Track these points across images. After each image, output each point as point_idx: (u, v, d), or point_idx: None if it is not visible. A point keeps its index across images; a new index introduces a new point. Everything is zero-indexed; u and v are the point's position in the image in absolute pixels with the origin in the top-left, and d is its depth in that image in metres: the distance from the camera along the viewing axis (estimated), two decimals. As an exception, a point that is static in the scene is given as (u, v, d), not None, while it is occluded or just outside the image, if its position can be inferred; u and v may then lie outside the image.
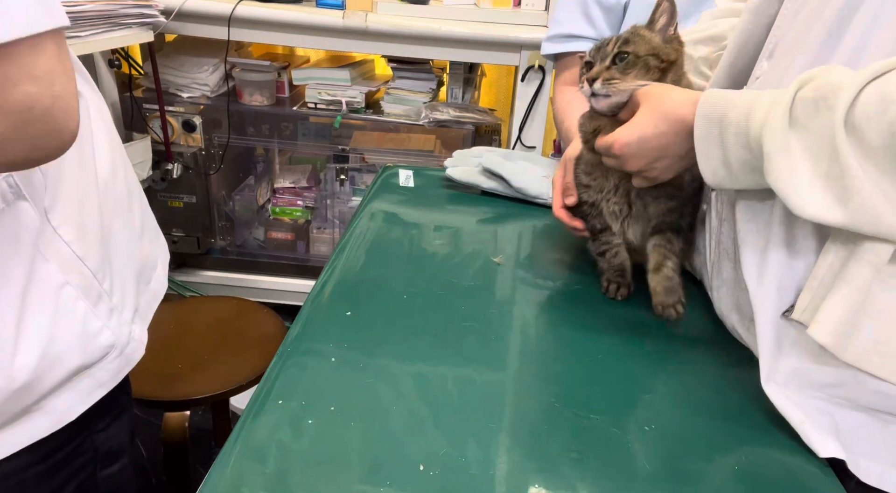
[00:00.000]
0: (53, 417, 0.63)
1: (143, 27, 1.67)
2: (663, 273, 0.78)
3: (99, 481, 0.72)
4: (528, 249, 0.98)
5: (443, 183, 1.17)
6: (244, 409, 0.61)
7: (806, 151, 0.55)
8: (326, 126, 2.19)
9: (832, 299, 0.56)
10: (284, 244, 2.32)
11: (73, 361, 0.63)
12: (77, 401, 0.65)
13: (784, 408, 0.62)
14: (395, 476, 0.53)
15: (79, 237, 0.63)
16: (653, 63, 0.74)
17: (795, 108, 0.56)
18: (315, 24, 1.80)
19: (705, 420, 0.64)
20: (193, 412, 1.46)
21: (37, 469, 0.65)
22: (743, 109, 0.60)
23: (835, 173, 0.53)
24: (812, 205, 0.54)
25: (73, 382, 0.64)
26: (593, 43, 1.20)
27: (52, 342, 0.60)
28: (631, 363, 0.71)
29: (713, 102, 0.63)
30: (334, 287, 0.81)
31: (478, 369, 0.68)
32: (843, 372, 0.59)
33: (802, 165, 0.55)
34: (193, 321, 1.48)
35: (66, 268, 0.62)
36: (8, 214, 0.56)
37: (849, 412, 0.61)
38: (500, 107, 2.28)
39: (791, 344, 0.62)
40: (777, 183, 0.56)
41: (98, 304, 0.65)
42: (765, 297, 0.64)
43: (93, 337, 0.64)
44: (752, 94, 0.61)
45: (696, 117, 0.64)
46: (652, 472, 0.56)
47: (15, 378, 0.58)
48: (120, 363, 0.69)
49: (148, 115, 1.96)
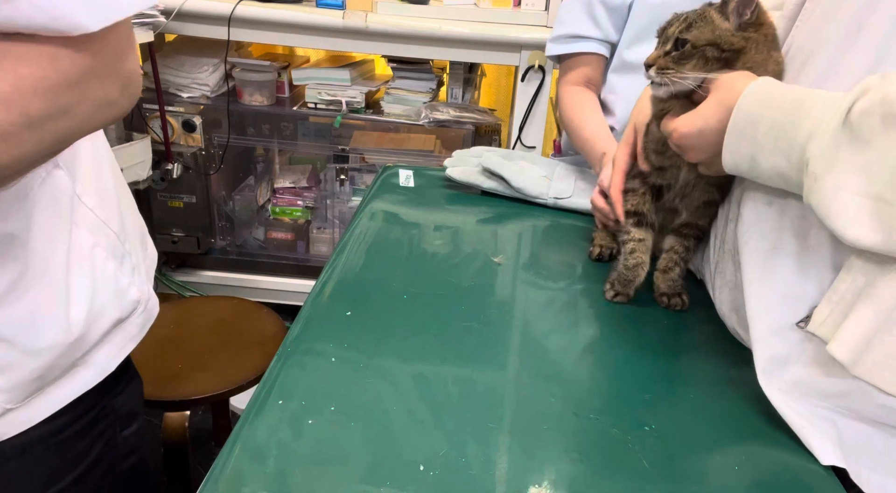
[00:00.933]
0: (97, 369, 0.69)
1: (143, 27, 1.67)
2: (669, 275, 0.83)
3: (120, 440, 0.77)
4: (528, 249, 0.98)
5: (443, 183, 1.17)
6: (244, 409, 0.61)
7: (861, 168, 0.52)
8: (326, 126, 2.18)
9: (856, 317, 0.55)
10: (284, 244, 2.32)
11: (112, 314, 0.68)
12: (114, 354, 0.71)
13: (786, 414, 0.61)
14: (394, 476, 0.53)
15: (100, 203, 0.68)
16: (711, 54, 0.67)
17: (858, 123, 0.52)
18: (315, 24, 1.80)
19: (705, 420, 0.64)
20: (193, 412, 1.45)
21: (72, 430, 0.69)
22: (789, 111, 0.56)
23: (889, 197, 0.50)
24: (855, 226, 0.52)
25: (110, 335, 0.70)
26: (598, 42, 1.21)
27: (94, 298, 0.66)
28: (631, 363, 0.71)
29: (758, 94, 0.60)
30: (334, 287, 0.81)
31: (478, 369, 0.68)
32: (850, 384, 0.58)
33: (853, 183, 0.52)
34: (193, 321, 1.48)
35: (94, 231, 0.67)
36: (49, 182, 0.61)
37: (853, 422, 0.60)
38: (500, 107, 2.28)
39: (797, 354, 0.62)
40: (820, 202, 0.54)
41: (123, 263, 0.71)
42: (768, 303, 0.63)
43: (124, 292, 0.70)
44: (802, 92, 0.57)
45: (735, 109, 0.60)
46: (652, 472, 0.56)
47: (71, 332, 0.63)
48: (144, 318, 0.75)
49: (148, 115, 1.96)
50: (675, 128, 0.68)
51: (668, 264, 0.83)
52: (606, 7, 1.19)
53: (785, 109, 0.57)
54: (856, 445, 0.60)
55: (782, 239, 0.62)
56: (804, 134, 0.55)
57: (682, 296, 0.82)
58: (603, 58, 1.23)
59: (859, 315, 0.55)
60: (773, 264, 0.63)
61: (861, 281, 0.55)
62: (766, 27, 0.68)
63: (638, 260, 0.81)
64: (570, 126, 1.23)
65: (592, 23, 1.20)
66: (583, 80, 1.25)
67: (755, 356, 0.64)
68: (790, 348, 0.62)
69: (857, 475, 0.59)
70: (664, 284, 0.83)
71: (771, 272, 0.63)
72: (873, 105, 0.51)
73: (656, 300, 0.83)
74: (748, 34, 0.67)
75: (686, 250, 0.82)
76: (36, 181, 0.59)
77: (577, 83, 1.25)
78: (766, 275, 0.64)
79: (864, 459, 0.60)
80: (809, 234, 0.60)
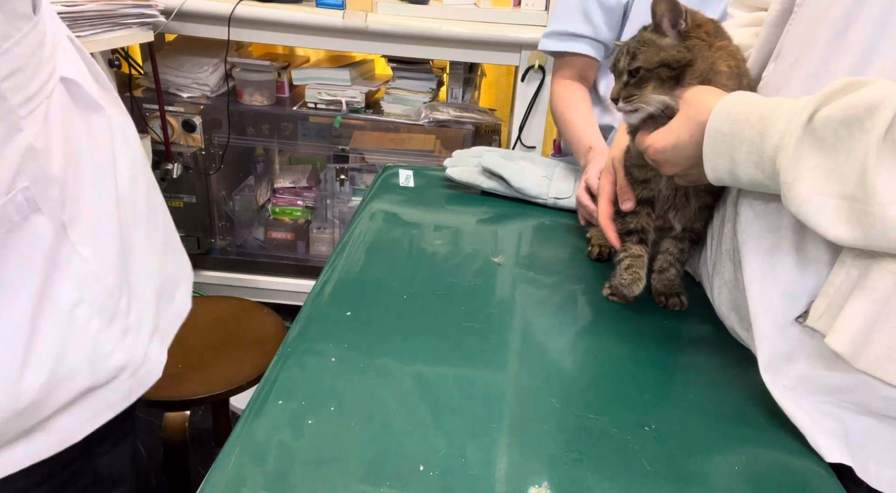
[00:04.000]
0: (59, 436, 0.62)
1: (143, 27, 1.67)
2: (666, 276, 0.83)
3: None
4: (528, 249, 0.98)
5: (443, 183, 1.17)
6: (244, 409, 0.61)
7: (831, 172, 0.54)
8: (326, 126, 2.18)
9: (851, 308, 0.56)
10: (284, 244, 2.32)
11: (82, 381, 0.61)
12: (83, 422, 0.63)
13: (791, 412, 0.61)
14: (395, 476, 0.53)
15: (97, 254, 0.62)
16: (665, 75, 0.69)
17: (823, 129, 0.54)
18: (315, 24, 1.80)
19: (705, 420, 0.64)
20: (193, 412, 1.46)
21: (37, 492, 0.64)
22: (756, 126, 0.59)
23: (860, 197, 0.52)
24: (835, 226, 0.54)
25: (80, 402, 0.62)
26: (589, 42, 1.21)
27: (61, 362, 0.59)
28: (631, 363, 0.71)
29: (726, 113, 0.62)
30: (334, 287, 0.81)
31: (478, 369, 0.68)
32: (854, 378, 0.58)
33: (826, 186, 0.54)
34: (193, 321, 1.46)
35: (82, 285, 0.60)
36: (23, 228, 0.55)
37: (858, 417, 0.60)
38: (500, 107, 2.28)
39: (800, 350, 0.62)
40: (798, 208, 0.56)
41: (112, 323, 0.64)
42: (770, 301, 0.63)
43: (104, 358, 0.63)
44: (765, 107, 0.60)
45: (707, 129, 0.63)
46: (652, 472, 0.56)
47: (21, 398, 0.56)
48: (131, 385, 0.67)
49: (148, 115, 1.96)
50: (650, 144, 0.71)
51: (664, 264, 0.83)
52: (601, 6, 1.19)
53: (752, 125, 0.59)
54: (863, 439, 0.60)
55: (781, 236, 0.63)
56: (772, 147, 0.57)
57: (681, 296, 0.83)
58: (594, 60, 1.25)
59: (855, 306, 0.56)
60: (773, 261, 0.64)
61: (854, 274, 0.56)
62: (704, 25, 0.70)
63: (634, 276, 0.80)
64: (559, 119, 1.25)
65: (585, 20, 1.21)
66: (576, 75, 1.27)
67: (759, 355, 0.64)
68: (793, 345, 0.62)
69: (865, 471, 0.59)
70: (661, 284, 0.83)
71: (772, 270, 0.64)
72: (836, 111, 0.53)
73: (654, 300, 0.83)
74: (691, 43, 0.69)
75: (681, 251, 0.82)
76: (1, 227, 0.53)
77: (570, 78, 1.27)
78: (768, 273, 0.64)
79: (871, 453, 0.60)
80: (807, 230, 0.61)
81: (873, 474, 0.59)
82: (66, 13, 1.41)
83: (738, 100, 0.63)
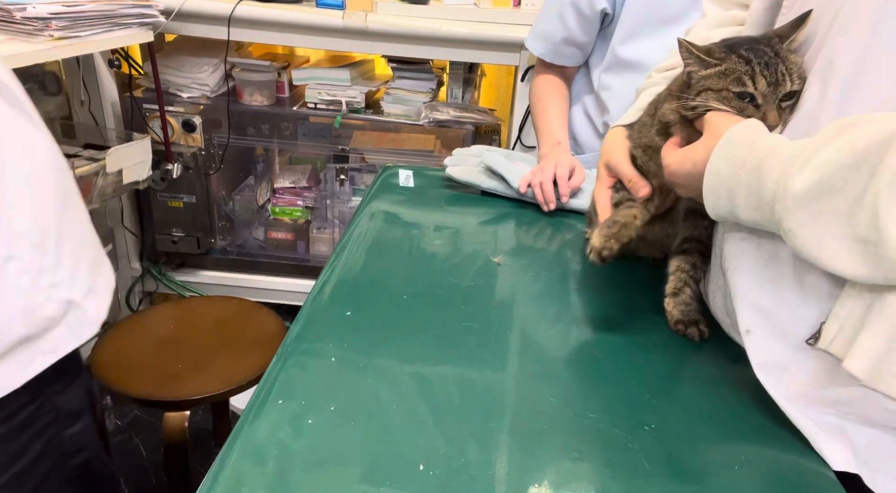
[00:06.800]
0: None
1: (143, 27, 1.67)
2: (681, 298, 0.78)
3: (64, 439, 0.77)
4: (528, 249, 0.98)
5: (443, 183, 1.17)
6: (244, 409, 0.61)
7: (842, 214, 0.52)
8: (326, 126, 2.18)
9: (869, 332, 0.54)
10: (284, 244, 2.32)
11: (17, 331, 0.66)
12: (19, 370, 0.68)
13: (797, 419, 0.61)
14: (395, 476, 0.53)
15: (25, 214, 0.66)
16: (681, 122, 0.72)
17: (831, 175, 0.52)
18: (315, 24, 1.80)
19: (705, 420, 0.64)
20: (193, 412, 1.46)
21: (2, 429, 0.69)
22: (752, 171, 0.58)
23: (874, 239, 0.50)
24: (853, 269, 0.52)
25: (15, 351, 0.67)
26: (564, 46, 1.26)
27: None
28: (631, 363, 0.71)
29: (724, 153, 0.61)
30: (334, 287, 0.81)
31: (478, 369, 0.68)
32: (854, 391, 0.57)
33: (838, 229, 0.52)
34: (193, 321, 1.48)
35: (11, 243, 0.65)
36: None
37: (862, 427, 0.60)
38: (500, 107, 2.28)
39: (800, 366, 0.61)
40: (809, 253, 0.54)
41: (41, 277, 0.69)
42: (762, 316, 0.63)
43: (37, 308, 0.68)
44: (761, 150, 0.58)
45: (707, 169, 0.62)
46: (652, 472, 0.56)
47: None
48: (65, 335, 0.72)
49: (148, 115, 1.96)
50: (668, 165, 0.70)
51: (677, 284, 0.78)
52: (577, 10, 1.23)
53: (749, 170, 0.58)
54: (868, 450, 0.59)
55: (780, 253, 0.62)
56: (769, 194, 0.57)
57: (700, 325, 0.76)
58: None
59: (874, 331, 0.54)
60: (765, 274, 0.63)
61: (868, 296, 0.55)
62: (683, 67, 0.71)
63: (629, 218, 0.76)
64: (534, 109, 1.33)
65: (560, 23, 1.26)
66: (556, 71, 1.34)
67: (751, 359, 0.64)
68: (793, 362, 0.62)
69: (872, 480, 0.59)
70: (677, 309, 0.77)
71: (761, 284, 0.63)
72: (840, 155, 0.52)
73: (672, 330, 0.77)
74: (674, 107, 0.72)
75: (693, 267, 0.78)
76: None
77: (550, 73, 1.34)
78: (756, 287, 0.64)
79: (877, 463, 0.59)
80: None
81: (880, 483, 0.59)
82: (66, 13, 1.41)
83: (739, 137, 0.61)
